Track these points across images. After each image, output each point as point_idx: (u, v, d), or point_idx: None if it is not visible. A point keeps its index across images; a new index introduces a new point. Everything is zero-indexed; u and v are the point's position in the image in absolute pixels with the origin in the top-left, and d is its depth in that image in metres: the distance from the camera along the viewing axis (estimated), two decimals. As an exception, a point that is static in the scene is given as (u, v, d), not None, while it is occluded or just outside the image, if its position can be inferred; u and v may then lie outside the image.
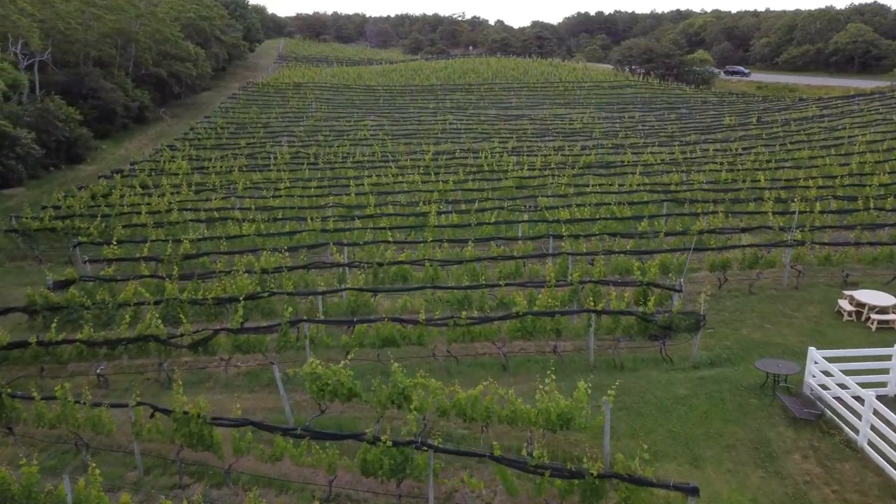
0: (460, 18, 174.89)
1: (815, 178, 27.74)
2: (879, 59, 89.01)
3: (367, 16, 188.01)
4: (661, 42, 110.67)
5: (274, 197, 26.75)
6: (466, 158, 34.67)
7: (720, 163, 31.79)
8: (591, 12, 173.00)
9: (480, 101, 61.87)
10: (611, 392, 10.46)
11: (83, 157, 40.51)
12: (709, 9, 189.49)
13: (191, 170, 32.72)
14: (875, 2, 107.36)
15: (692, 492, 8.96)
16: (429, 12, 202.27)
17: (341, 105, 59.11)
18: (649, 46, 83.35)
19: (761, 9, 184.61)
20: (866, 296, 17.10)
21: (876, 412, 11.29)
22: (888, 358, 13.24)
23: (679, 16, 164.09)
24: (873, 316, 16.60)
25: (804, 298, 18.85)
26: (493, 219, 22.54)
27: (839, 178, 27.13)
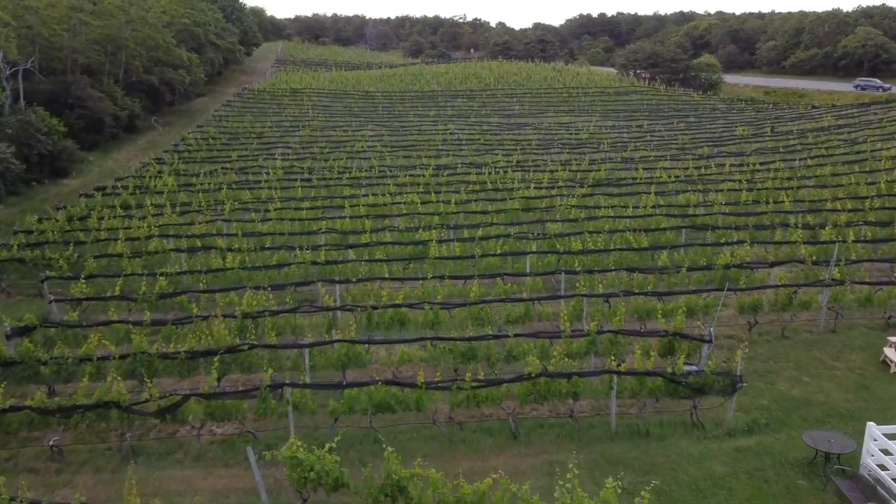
0: (461, 20, 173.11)
1: (843, 200, 25.95)
2: (889, 63, 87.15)
3: (366, 17, 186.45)
4: (665, 45, 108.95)
5: (263, 221, 24.96)
6: (469, 174, 32.88)
7: (738, 180, 30.00)
8: (594, 14, 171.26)
9: (482, 108, 60.08)
10: (645, 494, 8.70)
11: (68, 171, 38.74)
12: (712, 10, 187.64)
13: (177, 187, 30.95)
14: (883, 4, 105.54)
15: None
16: (429, 14, 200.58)
17: (339, 113, 57.33)
18: (654, 51, 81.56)
19: (765, 10, 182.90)
20: (916, 345, 15.34)
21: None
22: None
23: (682, 17, 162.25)
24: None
25: (844, 344, 17.06)
26: (498, 249, 20.75)
27: (868, 199, 25.34)
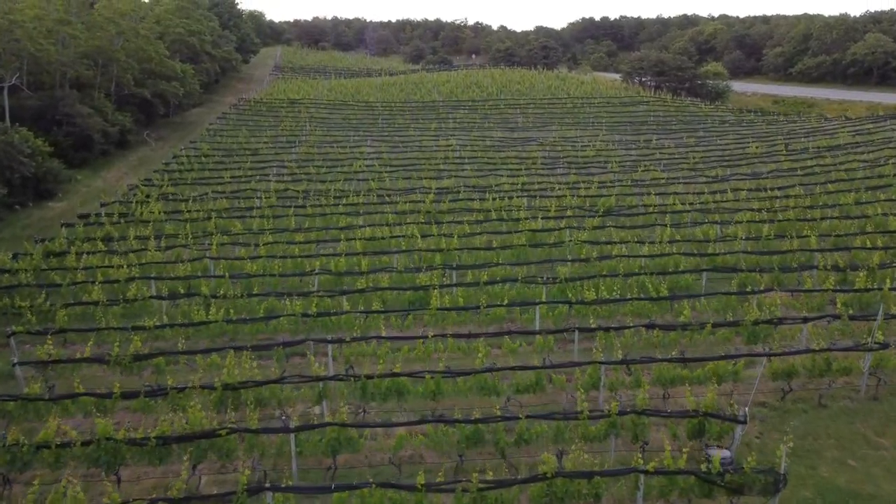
0: (462, 24, 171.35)
1: (872, 235, 24.30)
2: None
3: (367, 20, 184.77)
4: (669, 50, 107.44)
5: (252, 258, 23.34)
6: (472, 200, 31.26)
7: (757, 210, 28.35)
8: (596, 17, 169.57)
9: (485, 120, 58.47)
10: None
11: (54, 193, 37.14)
12: (716, 13, 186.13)
13: (164, 216, 29.34)
14: (892, 10, 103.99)
15: None
16: (430, 17, 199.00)
17: (337, 125, 55.75)
18: (660, 59, 79.94)
19: (769, 13, 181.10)
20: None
21: None
22: None
23: (686, 21, 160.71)
24: None
25: (888, 416, 15.39)
26: (505, 298, 19.13)
27: (899, 234, 23.73)
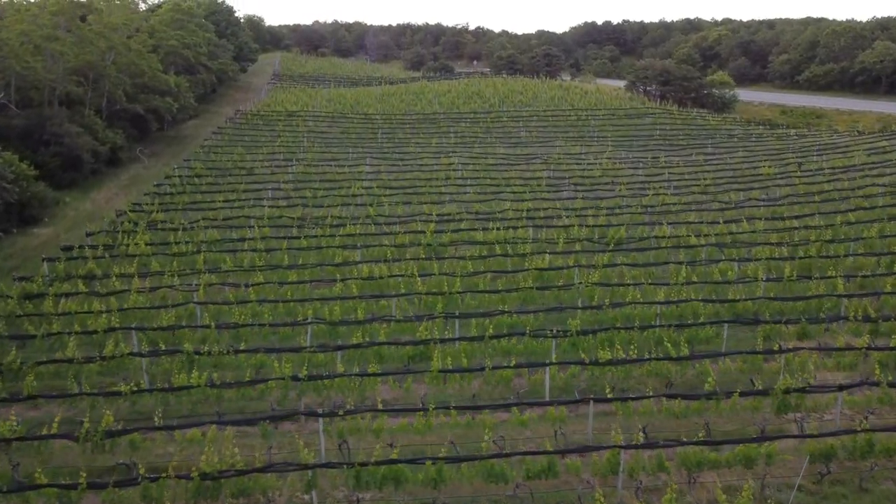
0: (464, 28, 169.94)
1: (901, 276, 22.85)
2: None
3: (367, 24, 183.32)
4: (673, 56, 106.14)
5: (241, 303, 21.89)
6: (475, 230, 29.82)
7: (776, 243, 26.89)
8: (599, 21, 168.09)
9: (487, 134, 57.06)
10: None
11: (39, 218, 35.71)
12: (719, 17, 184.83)
13: (151, 248, 27.91)
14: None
15: None
16: (431, 21, 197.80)
17: (336, 140, 54.33)
18: (665, 68, 78.47)
19: (772, 17, 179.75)
20: None
21: None
22: None
23: (689, 25, 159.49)
24: None
25: (938, 502, 13.97)
26: (513, 358, 17.68)
27: (932, 278, 22.26)
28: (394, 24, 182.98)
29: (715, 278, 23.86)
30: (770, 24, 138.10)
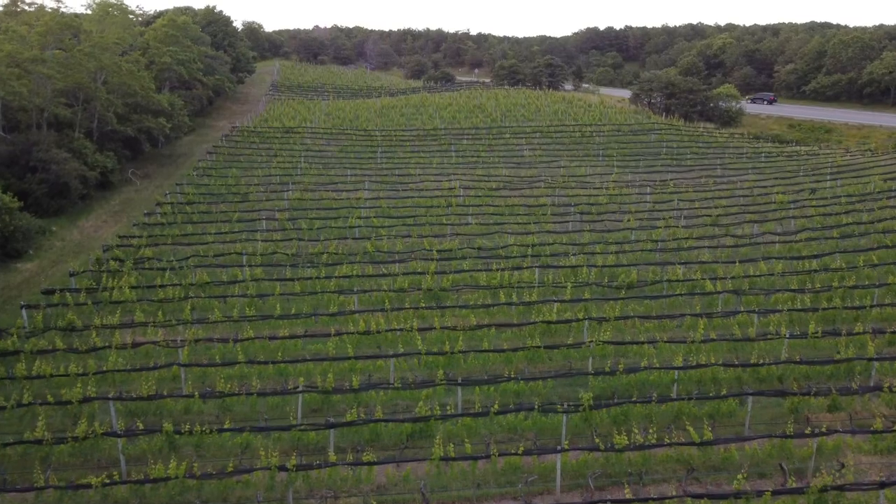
0: (465, 35, 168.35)
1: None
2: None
3: (367, 29, 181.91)
4: (677, 65, 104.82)
5: (227, 364, 20.44)
6: (478, 271, 28.37)
7: (796, 290, 25.41)
8: (601, 27, 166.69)
9: (489, 153, 55.63)
10: None
11: (23, 251, 34.26)
12: (722, 22, 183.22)
13: (136, 294, 26.45)
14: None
15: None
16: (432, 27, 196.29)
17: (334, 160, 52.88)
18: (670, 80, 76.98)
19: (776, 21, 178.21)
20: None
21: None
22: None
23: (693, 31, 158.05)
24: None
25: None
26: (521, 440, 16.23)
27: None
28: (394, 29, 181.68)
29: (734, 333, 22.39)
30: (774, 31, 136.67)
